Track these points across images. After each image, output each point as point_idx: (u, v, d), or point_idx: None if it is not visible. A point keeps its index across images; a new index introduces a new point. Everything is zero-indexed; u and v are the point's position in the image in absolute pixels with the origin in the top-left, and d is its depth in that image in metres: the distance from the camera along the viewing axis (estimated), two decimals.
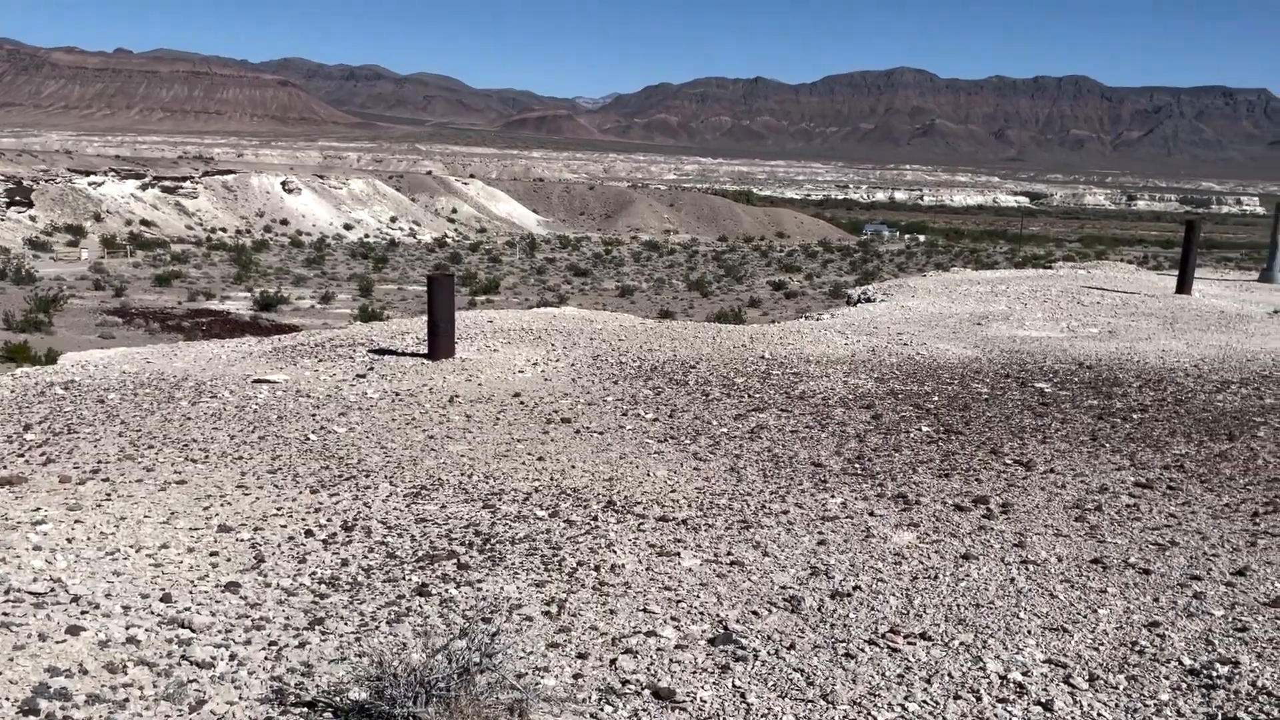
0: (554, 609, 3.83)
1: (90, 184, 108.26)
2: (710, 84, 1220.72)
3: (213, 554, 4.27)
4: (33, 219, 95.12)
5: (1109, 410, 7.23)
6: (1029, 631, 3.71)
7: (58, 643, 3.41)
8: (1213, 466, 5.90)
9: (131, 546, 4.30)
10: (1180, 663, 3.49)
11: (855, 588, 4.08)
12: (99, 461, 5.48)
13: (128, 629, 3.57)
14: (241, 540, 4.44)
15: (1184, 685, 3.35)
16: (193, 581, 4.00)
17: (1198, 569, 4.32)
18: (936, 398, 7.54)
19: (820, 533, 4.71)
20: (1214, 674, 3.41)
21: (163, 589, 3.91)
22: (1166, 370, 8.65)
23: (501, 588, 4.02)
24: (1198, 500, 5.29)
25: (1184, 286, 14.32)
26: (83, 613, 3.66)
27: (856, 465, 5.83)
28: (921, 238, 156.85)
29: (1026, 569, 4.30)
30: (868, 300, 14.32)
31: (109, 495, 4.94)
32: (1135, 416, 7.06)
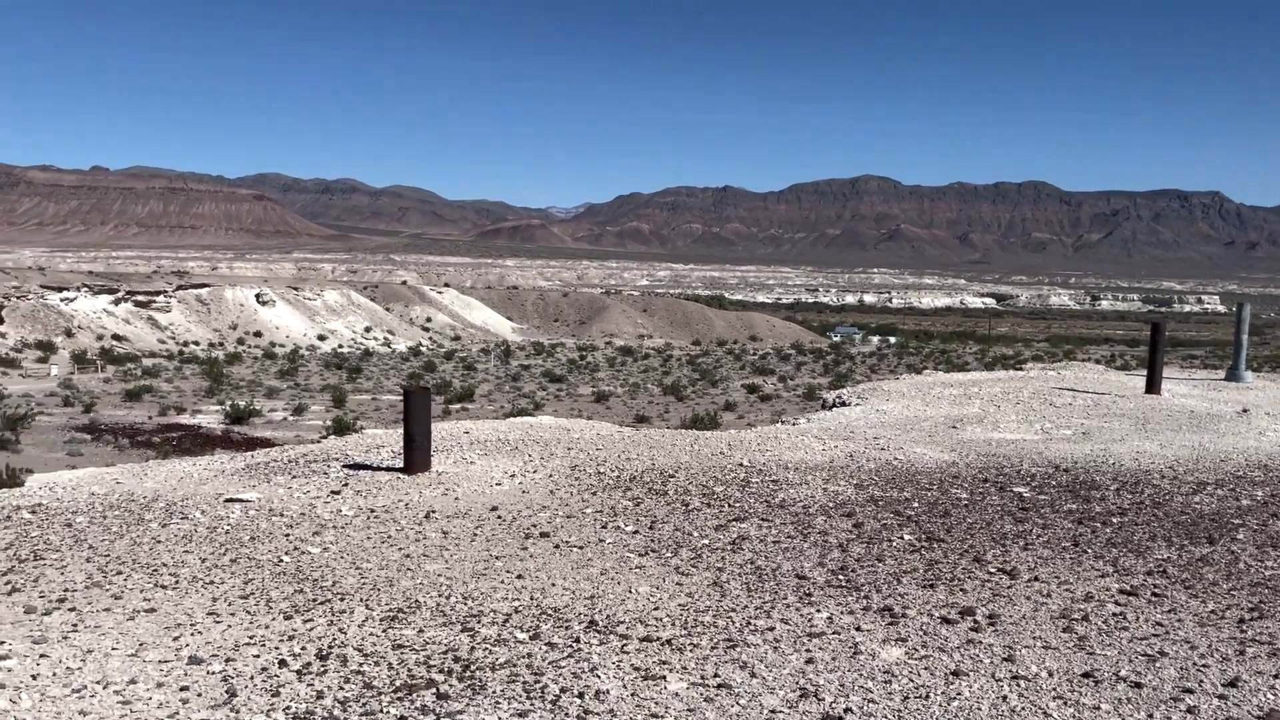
0: None
1: (62, 299, 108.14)
2: (680, 193, 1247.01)
3: (183, 688, 4.13)
4: (3, 335, 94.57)
5: (1089, 514, 7.23)
6: None
7: None
8: (1195, 571, 5.88)
9: (98, 683, 4.15)
10: None
11: (846, 710, 3.99)
12: (66, 590, 5.32)
13: None
14: (213, 673, 4.29)
15: None
16: None
17: (1189, 680, 4.27)
18: (916, 504, 7.52)
19: (808, 650, 4.62)
20: None
21: None
22: (1142, 472, 8.69)
23: (482, 719, 3.89)
24: (1183, 607, 5.25)
25: (1153, 386, 14.51)
26: None
27: (840, 576, 5.76)
28: (892, 339, 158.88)
29: (1018, 685, 4.22)
30: (843, 404, 14.38)
31: (75, 626, 4.79)
32: (1115, 521, 7.06)
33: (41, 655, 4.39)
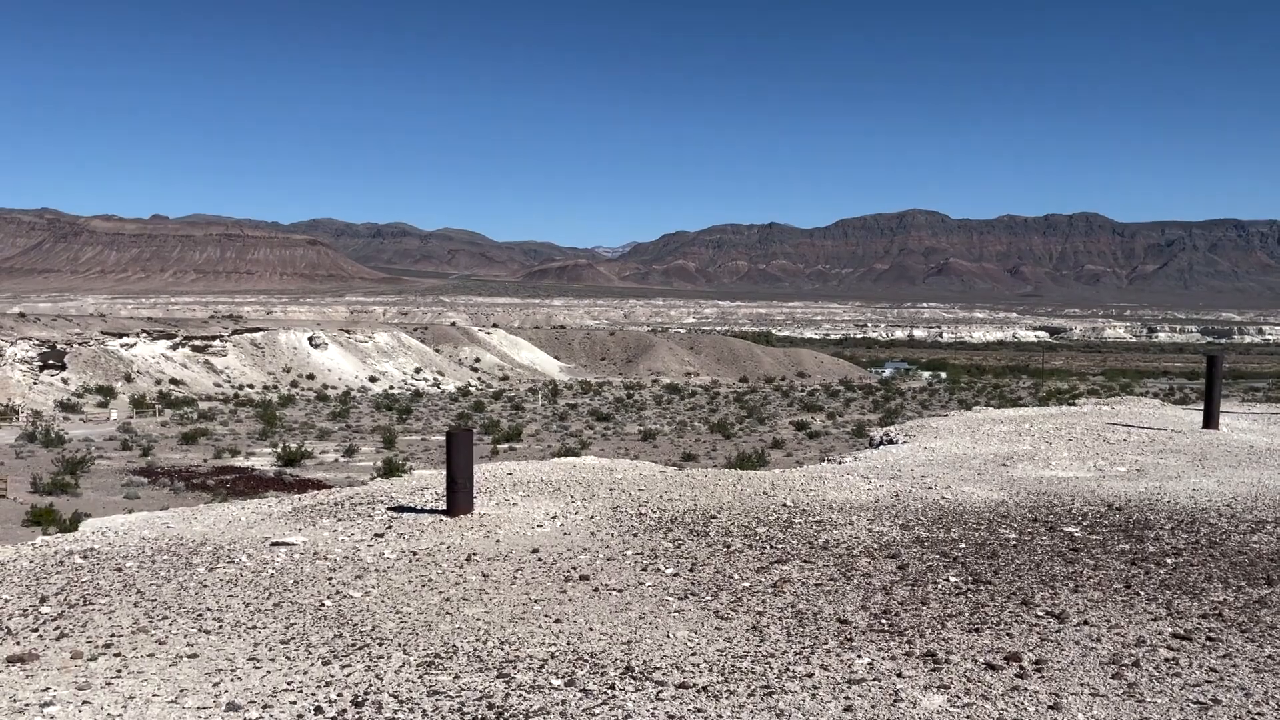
0: None
1: (122, 345, 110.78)
2: (726, 230, 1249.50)
3: None
4: (65, 381, 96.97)
5: (1141, 555, 7.05)
6: None
7: None
8: (1252, 614, 5.69)
9: None
10: None
11: None
12: (112, 635, 5.40)
13: None
14: None
15: None
16: None
17: None
18: (963, 545, 7.39)
19: (846, 698, 4.54)
20: None
21: None
22: (1198, 510, 8.46)
23: None
24: (1239, 652, 5.08)
25: (1210, 421, 14.17)
26: None
27: (883, 621, 5.66)
28: (943, 374, 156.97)
29: None
30: (890, 441, 14.21)
31: (119, 672, 4.85)
32: (1169, 561, 6.87)
33: (84, 702, 4.45)
